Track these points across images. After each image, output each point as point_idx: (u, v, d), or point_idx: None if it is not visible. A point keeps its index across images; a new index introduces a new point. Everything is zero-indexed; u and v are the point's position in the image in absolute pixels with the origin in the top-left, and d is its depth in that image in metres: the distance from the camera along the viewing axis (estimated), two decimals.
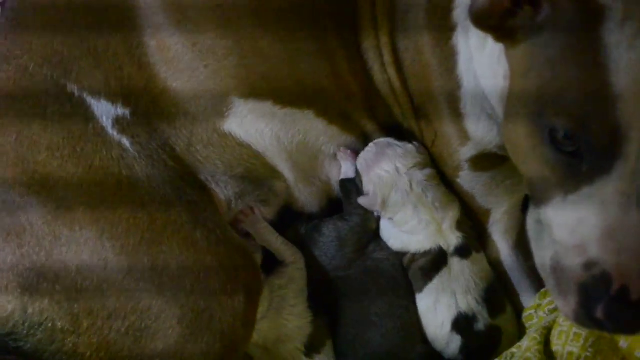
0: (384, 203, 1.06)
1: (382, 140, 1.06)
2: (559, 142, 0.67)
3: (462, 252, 1.05)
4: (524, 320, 1.02)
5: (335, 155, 1.08)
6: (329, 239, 1.09)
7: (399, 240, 1.08)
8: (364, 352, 1.03)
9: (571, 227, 0.69)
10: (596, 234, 0.66)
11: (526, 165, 0.76)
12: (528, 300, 1.05)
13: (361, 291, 1.05)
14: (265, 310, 1.00)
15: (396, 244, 1.08)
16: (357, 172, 1.07)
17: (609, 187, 0.65)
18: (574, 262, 0.68)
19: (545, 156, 0.70)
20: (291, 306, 1.04)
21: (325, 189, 1.12)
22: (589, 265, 0.67)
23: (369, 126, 1.08)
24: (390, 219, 1.07)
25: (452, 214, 1.05)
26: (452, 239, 1.05)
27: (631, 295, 0.65)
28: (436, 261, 1.05)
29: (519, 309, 1.07)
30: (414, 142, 1.06)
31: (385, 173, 1.04)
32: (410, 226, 1.06)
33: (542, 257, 0.75)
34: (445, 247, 1.05)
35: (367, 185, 1.06)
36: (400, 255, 1.08)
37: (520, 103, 0.74)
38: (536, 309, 1.00)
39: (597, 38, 0.64)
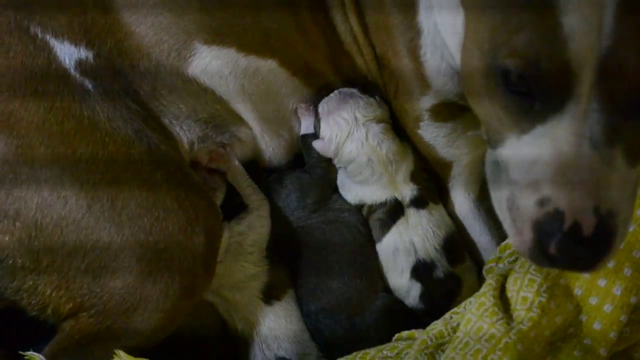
0: (338, 150, 1.08)
1: (347, 89, 1.09)
2: (512, 84, 0.68)
3: (418, 203, 1.08)
4: (484, 273, 1.02)
5: (296, 110, 1.10)
6: (291, 191, 1.11)
7: (354, 192, 1.11)
8: (326, 300, 1.05)
9: (526, 165, 0.70)
10: (549, 172, 0.67)
11: (482, 107, 0.77)
12: (488, 254, 1.07)
13: (322, 240, 1.08)
14: (222, 254, 1.02)
15: (351, 196, 1.12)
16: (316, 115, 1.09)
17: (562, 126, 0.67)
18: (528, 199, 0.69)
19: (499, 97, 0.71)
20: (248, 253, 1.06)
21: (291, 142, 1.13)
22: (542, 202, 0.68)
23: (333, 79, 1.09)
24: (343, 168, 1.10)
25: (405, 167, 1.08)
26: (406, 191, 1.08)
27: (583, 232, 0.66)
28: (392, 212, 1.08)
29: (479, 263, 1.09)
30: (376, 96, 1.08)
31: (344, 121, 1.07)
32: (363, 177, 1.09)
33: (499, 197, 0.76)
34: (400, 198, 1.08)
35: (325, 130, 1.09)
36: (360, 208, 1.11)
37: (475, 45, 0.74)
38: (497, 261, 1.01)
39: None
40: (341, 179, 1.12)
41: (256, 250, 1.06)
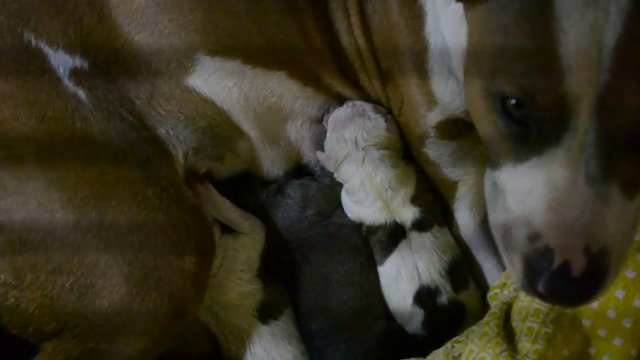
0: (336, 167, 1.07)
1: (360, 104, 1.06)
2: (509, 110, 0.67)
3: (421, 226, 1.05)
4: (489, 299, 1.00)
5: (310, 118, 1.09)
6: (293, 200, 1.09)
7: (351, 210, 1.09)
8: (324, 320, 1.02)
9: (520, 196, 0.69)
10: (542, 207, 0.67)
11: (481, 128, 0.76)
12: (493, 278, 1.04)
13: (322, 255, 1.06)
14: (215, 269, 1.00)
15: (350, 214, 1.09)
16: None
17: (557, 160, 0.65)
18: (520, 232, 0.69)
19: (497, 122, 0.70)
20: (241, 270, 1.03)
21: (292, 153, 1.11)
22: (533, 238, 0.67)
23: (343, 89, 1.07)
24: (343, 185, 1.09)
25: (404, 192, 1.05)
26: (407, 214, 1.05)
27: (572, 272, 0.66)
28: (393, 235, 1.05)
29: (484, 288, 1.06)
30: (388, 118, 1.06)
31: (344, 141, 1.05)
32: (358, 198, 1.07)
33: (495, 221, 0.75)
34: (400, 222, 1.05)
35: (328, 143, 1.07)
36: (360, 226, 1.08)
37: (476, 66, 0.73)
38: (502, 287, 0.99)
39: (549, 7, 0.63)
40: (343, 194, 1.11)
41: (248, 269, 1.04)
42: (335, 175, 1.09)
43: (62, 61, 0.93)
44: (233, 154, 1.07)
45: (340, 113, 1.06)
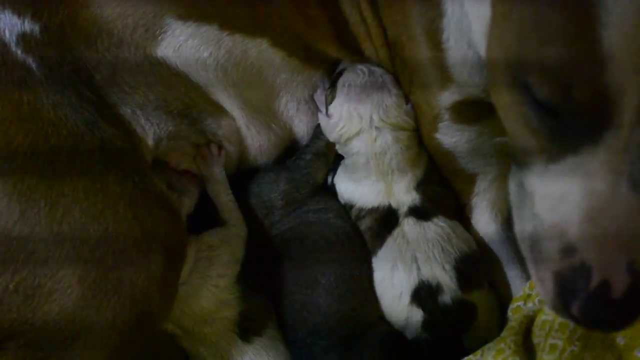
0: (340, 140, 1.01)
1: (380, 73, 1.00)
2: (542, 103, 0.61)
3: (419, 213, 0.99)
4: (510, 312, 0.94)
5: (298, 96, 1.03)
6: (262, 190, 1.04)
7: (345, 187, 1.04)
8: (315, 321, 0.95)
9: (552, 201, 0.65)
10: (578, 215, 0.62)
11: (507, 120, 0.70)
12: (517, 288, 0.99)
13: (302, 247, 0.99)
14: (187, 274, 0.93)
15: (342, 191, 1.04)
16: (332, 84, 1.01)
17: (597, 160, 0.61)
18: (552, 244, 0.65)
19: (527, 116, 0.65)
20: (218, 275, 0.96)
21: (284, 135, 1.05)
22: (567, 251, 0.63)
23: (342, 56, 1.00)
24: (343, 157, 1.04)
25: (411, 176, 1.00)
26: (405, 198, 1.00)
27: (612, 293, 0.61)
28: (385, 220, 0.99)
29: (504, 298, 1.00)
30: (409, 99, 0.99)
31: (357, 116, 0.99)
32: (357, 176, 1.02)
33: (522, 228, 0.71)
34: (395, 206, 1.00)
35: (336, 110, 1.01)
36: (348, 210, 1.03)
37: (500, 48, 0.67)
38: (525, 299, 0.93)
39: None
40: (339, 169, 1.06)
41: (229, 272, 0.96)
42: (337, 146, 1.04)
43: (9, 24, 0.85)
44: (219, 137, 1.01)
45: (355, 79, 1.00)
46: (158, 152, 0.95)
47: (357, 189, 1.02)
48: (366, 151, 1.00)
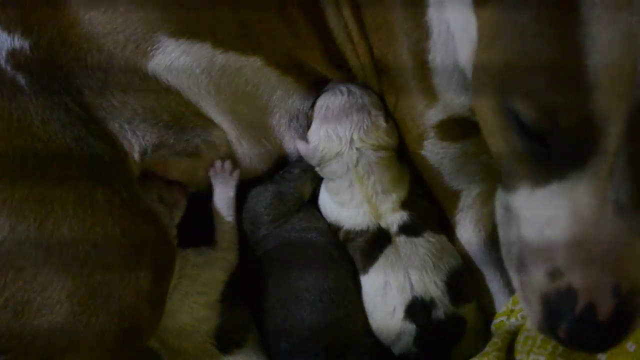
0: (320, 163, 1.01)
1: (360, 94, 0.98)
2: (527, 127, 0.61)
3: (410, 230, 0.99)
4: (493, 328, 0.94)
5: (291, 113, 1.02)
6: (248, 208, 1.04)
7: (331, 210, 1.03)
8: (298, 335, 0.95)
9: (538, 225, 0.65)
10: (564, 240, 0.62)
11: (493, 144, 0.71)
12: (500, 302, 0.99)
13: (284, 267, 0.99)
14: (170, 289, 0.92)
15: (328, 213, 1.04)
16: (312, 106, 1.01)
17: (582, 186, 0.61)
18: (538, 267, 0.65)
19: (512, 140, 0.65)
20: (198, 293, 0.96)
21: (275, 150, 1.04)
22: (554, 274, 0.64)
23: (331, 73, 1.00)
24: (325, 181, 1.04)
25: (395, 196, 1.00)
26: (394, 218, 0.99)
27: (598, 316, 0.62)
28: (376, 241, 0.99)
29: (487, 312, 1.00)
30: (390, 118, 0.99)
31: (336, 138, 0.98)
32: (341, 199, 1.01)
33: (508, 250, 0.71)
34: (385, 226, 0.99)
35: (314, 134, 1.00)
36: (335, 231, 1.03)
37: (487, 74, 0.67)
38: (508, 315, 0.94)
39: (574, 9, 0.57)
40: (322, 191, 1.05)
41: (210, 292, 0.96)
42: (317, 169, 1.03)
43: None
44: (209, 147, 1.00)
45: (333, 101, 0.98)
46: (144, 164, 0.94)
47: (342, 212, 1.01)
48: (349, 175, 0.99)
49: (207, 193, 1.04)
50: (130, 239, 0.83)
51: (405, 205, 1.00)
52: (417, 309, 0.95)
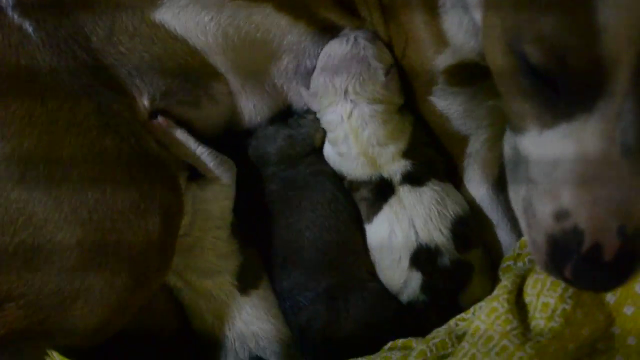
0: (320, 111, 1.02)
1: (363, 45, 0.98)
2: (536, 69, 0.62)
3: (414, 179, 1.00)
4: (500, 272, 0.95)
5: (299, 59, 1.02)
6: (257, 146, 1.05)
7: (333, 161, 1.04)
8: (298, 273, 0.98)
9: (546, 166, 0.66)
10: (571, 179, 0.64)
11: (502, 86, 0.72)
12: (507, 248, 1.00)
13: (289, 204, 1.01)
14: (188, 226, 0.94)
15: (331, 164, 1.05)
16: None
17: (590, 128, 0.62)
18: (545, 208, 0.66)
19: (521, 82, 0.66)
20: (217, 227, 0.97)
21: (277, 97, 1.05)
22: (560, 215, 0.65)
23: (340, 19, 1.00)
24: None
25: (393, 148, 1.00)
26: (396, 167, 1.00)
27: (604, 255, 0.63)
28: (379, 191, 1.00)
29: (495, 258, 1.01)
30: (391, 71, 0.99)
31: (332, 88, 0.99)
32: (340, 150, 1.02)
33: (516, 193, 0.72)
34: (388, 176, 1.00)
35: (315, 80, 1.01)
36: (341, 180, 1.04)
37: (496, 15, 0.68)
38: (515, 259, 0.95)
39: None
40: (326, 141, 1.06)
41: (224, 224, 0.98)
42: (318, 116, 1.04)
43: None
44: (210, 99, 1.00)
45: (335, 49, 0.99)
46: (151, 112, 0.95)
47: (343, 163, 1.03)
48: (342, 126, 1.00)
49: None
50: (138, 185, 0.84)
51: (407, 154, 1.01)
52: (422, 256, 0.97)
